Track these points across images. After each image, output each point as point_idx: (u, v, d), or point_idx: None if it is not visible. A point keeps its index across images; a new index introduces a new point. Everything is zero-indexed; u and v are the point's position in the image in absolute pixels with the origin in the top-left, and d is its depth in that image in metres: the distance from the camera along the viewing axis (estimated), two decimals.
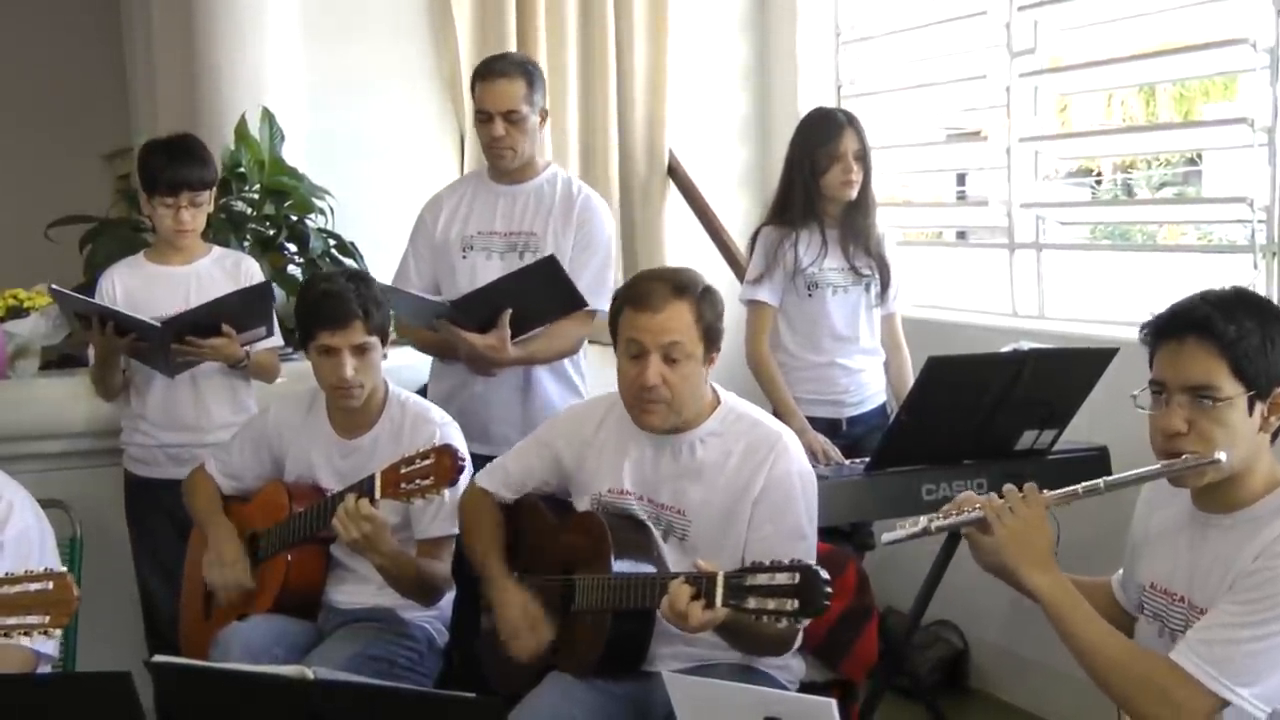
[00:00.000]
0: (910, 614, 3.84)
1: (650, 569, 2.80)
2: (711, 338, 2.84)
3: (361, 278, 3.39)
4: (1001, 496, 2.44)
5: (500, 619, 2.93)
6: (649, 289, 2.84)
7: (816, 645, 2.98)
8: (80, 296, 3.79)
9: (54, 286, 3.86)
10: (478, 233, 3.89)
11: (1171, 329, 2.30)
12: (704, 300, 2.83)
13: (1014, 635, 4.40)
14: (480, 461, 3.26)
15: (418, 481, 2.89)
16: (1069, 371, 3.61)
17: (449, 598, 3.36)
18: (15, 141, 6.73)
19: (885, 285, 4.11)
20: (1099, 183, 9.10)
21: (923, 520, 2.56)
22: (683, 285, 2.84)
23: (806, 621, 2.47)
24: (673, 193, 5.42)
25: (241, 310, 3.72)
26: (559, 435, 3.09)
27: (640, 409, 2.83)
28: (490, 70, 3.82)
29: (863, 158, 4.02)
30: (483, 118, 3.80)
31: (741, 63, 5.69)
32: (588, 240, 3.85)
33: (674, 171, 5.41)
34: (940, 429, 3.57)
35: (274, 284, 4.29)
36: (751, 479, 2.81)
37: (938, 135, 5.65)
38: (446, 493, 2.99)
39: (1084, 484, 2.43)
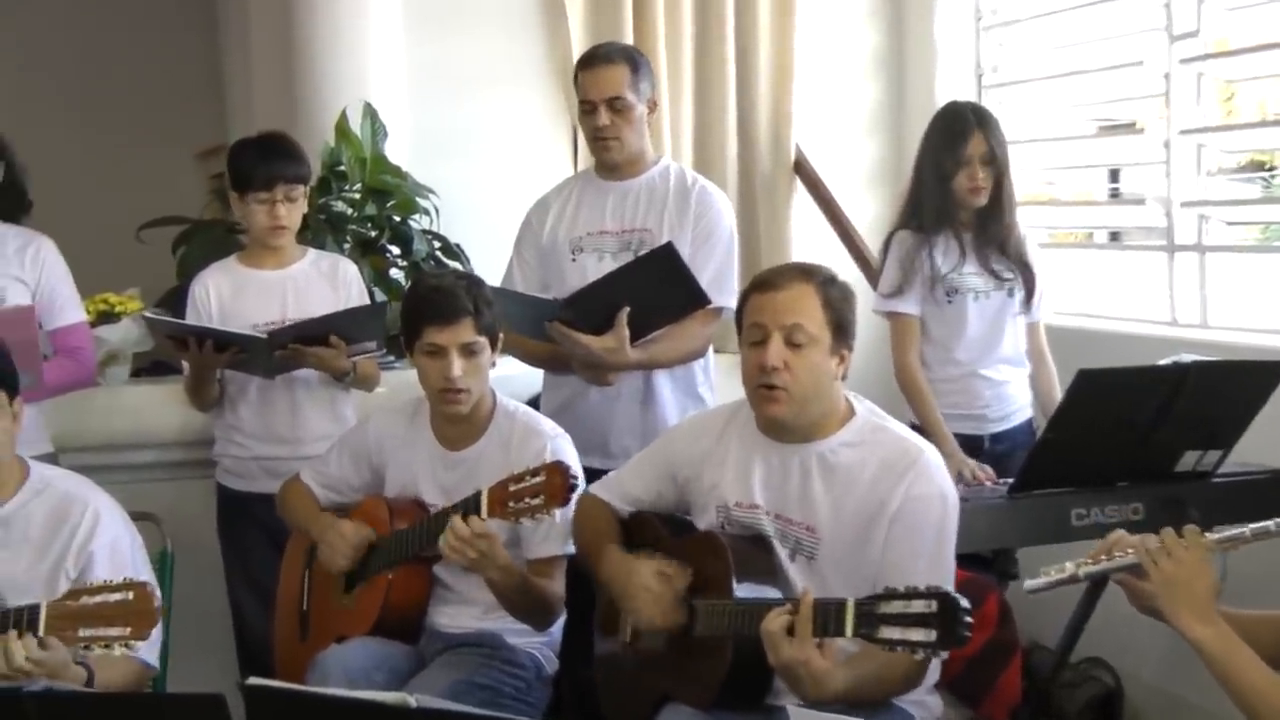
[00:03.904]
0: (1057, 649, 3.78)
1: (775, 592, 2.79)
2: (841, 329, 2.82)
3: (471, 278, 3.45)
4: (1159, 534, 2.40)
5: (625, 585, 2.90)
6: (774, 271, 2.91)
7: (954, 681, 2.95)
8: (176, 320, 3.86)
9: (147, 315, 3.95)
10: (587, 233, 3.90)
11: None
12: (831, 286, 2.84)
13: (1173, 674, 4.30)
14: (598, 478, 3.28)
15: (527, 500, 2.90)
16: (1236, 386, 3.54)
17: (558, 623, 3.37)
18: (106, 140, 6.84)
19: (1030, 291, 4.07)
20: (1271, 178, 8.87)
21: (1069, 565, 2.54)
22: (808, 269, 2.88)
23: (944, 655, 2.45)
24: (799, 191, 5.40)
25: (355, 326, 3.79)
26: (676, 448, 3.10)
27: (760, 397, 2.82)
28: (593, 58, 3.87)
29: (993, 161, 3.97)
30: (586, 108, 3.83)
31: (874, 50, 5.66)
32: (707, 232, 3.84)
33: (800, 168, 5.39)
34: (1091, 448, 3.52)
35: (375, 288, 4.36)
36: (887, 496, 2.77)
37: (1088, 128, 5.56)
38: (558, 514, 3.01)
39: (1253, 525, 2.39)
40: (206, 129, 6.34)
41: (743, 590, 2.77)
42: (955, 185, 3.97)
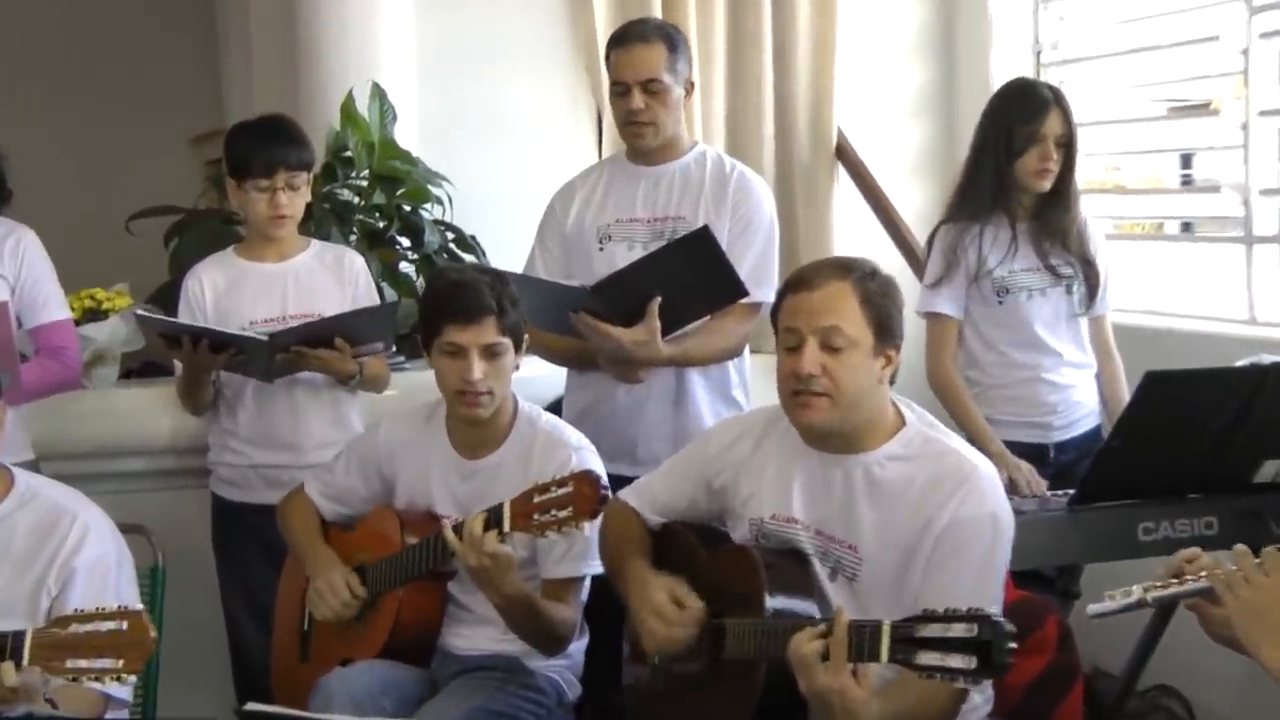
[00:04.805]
0: (1123, 676, 3.77)
1: (812, 607, 2.78)
2: (884, 328, 2.79)
3: (497, 273, 3.44)
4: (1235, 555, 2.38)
5: (637, 607, 2.90)
6: (808, 269, 2.89)
7: (1011, 710, 2.93)
8: (170, 320, 3.85)
9: (138, 312, 3.94)
10: (616, 220, 3.90)
11: None
12: (871, 281, 2.80)
13: (1250, 705, 4.27)
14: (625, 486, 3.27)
15: (554, 513, 2.90)
16: None
17: (580, 645, 3.38)
18: (94, 125, 6.88)
19: (1092, 290, 4.04)
20: None
21: (1136, 590, 2.52)
22: (845, 264, 2.85)
23: (986, 684, 2.41)
24: (841, 178, 5.39)
25: (363, 327, 3.79)
26: (712, 453, 3.08)
27: (795, 405, 2.80)
28: (626, 36, 3.86)
29: (1067, 144, 3.96)
30: (619, 90, 3.83)
31: (922, 26, 5.67)
32: (746, 221, 3.84)
33: (842, 153, 5.38)
34: (1160, 456, 3.49)
35: (384, 283, 4.36)
36: (934, 515, 2.75)
37: (1158, 109, 5.55)
38: (586, 527, 3.00)
39: None
40: (202, 112, 6.37)
41: (776, 603, 2.75)
42: (1022, 164, 3.94)
